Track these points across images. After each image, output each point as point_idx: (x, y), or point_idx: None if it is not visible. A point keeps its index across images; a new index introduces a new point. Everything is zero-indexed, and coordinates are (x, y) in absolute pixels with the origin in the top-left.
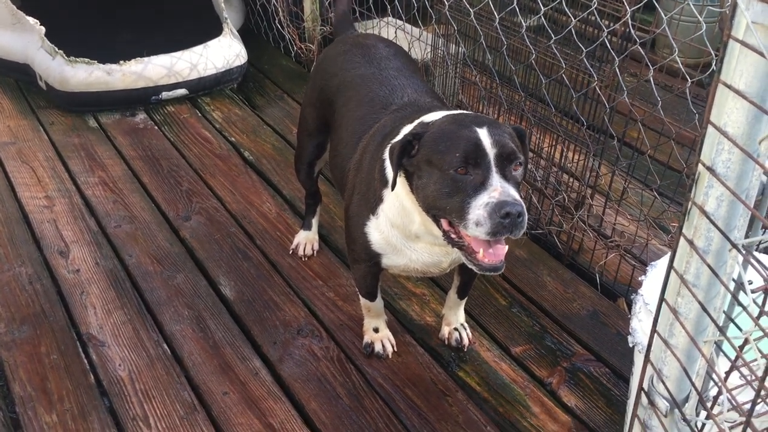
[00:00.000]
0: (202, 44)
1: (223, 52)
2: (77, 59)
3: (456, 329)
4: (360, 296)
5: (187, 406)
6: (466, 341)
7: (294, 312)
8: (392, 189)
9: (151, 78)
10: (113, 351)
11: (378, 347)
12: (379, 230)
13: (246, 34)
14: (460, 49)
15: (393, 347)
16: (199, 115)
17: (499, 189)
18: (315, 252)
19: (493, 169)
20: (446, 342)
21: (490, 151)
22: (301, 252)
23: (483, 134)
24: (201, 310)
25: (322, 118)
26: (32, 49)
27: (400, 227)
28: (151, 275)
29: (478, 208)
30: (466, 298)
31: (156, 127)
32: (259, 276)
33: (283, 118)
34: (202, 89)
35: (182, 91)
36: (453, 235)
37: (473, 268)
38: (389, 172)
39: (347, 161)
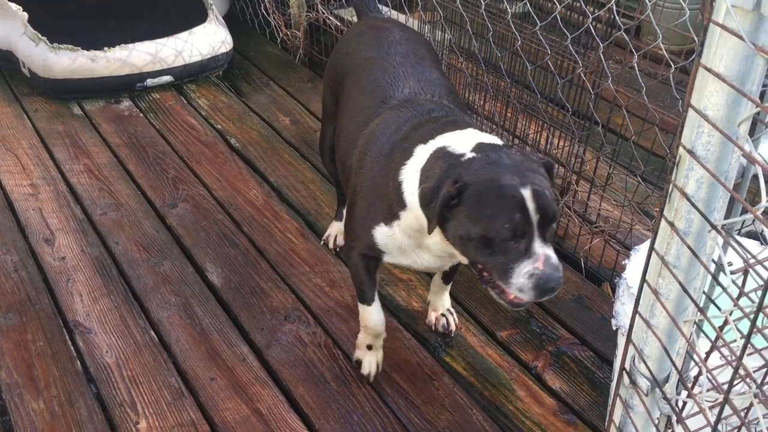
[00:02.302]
0: (187, 31)
1: (208, 39)
2: (61, 46)
3: (443, 315)
4: (359, 305)
5: (175, 392)
6: (453, 326)
7: (281, 298)
8: (429, 233)
9: (135, 65)
10: (100, 338)
11: (365, 369)
12: (389, 236)
13: (231, 21)
14: (446, 35)
15: (378, 367)
16: (185, 102)
17: (542, 258)
18: None
19: (536, 233)
20: (433, 327)
21: (535, 217)
22: (331, 244)
23: (528, 198)
24: (188, 297)
25: (337, 102)
26: (15, 35)
27: (415, 239)
28: (138, 262)
29: (523, 276)
30: (451, 283)
31: (141, 115)
32: (246, 263)
33: (269, 105)
34: (187, 76)
35: (167, 78)
36: (486, 275)
37: (502, 303)
38: (408, 198)
39: (348, 156)
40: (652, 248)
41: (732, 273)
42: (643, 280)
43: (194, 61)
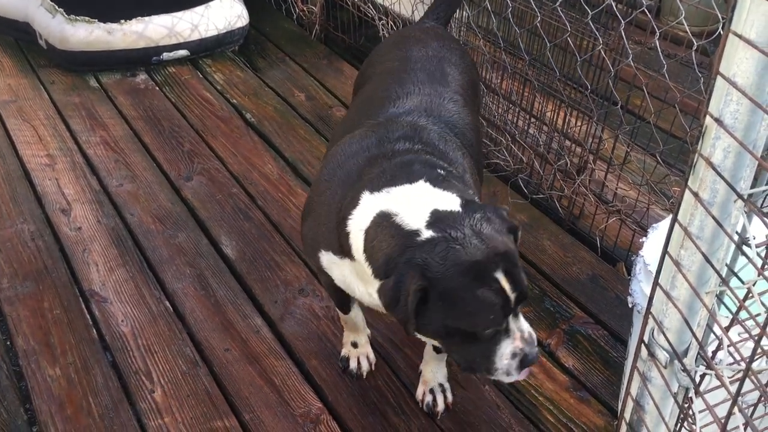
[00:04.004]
0: (203, 4)
1: (224, 13)
2: (77, 18)
3: (432, 390)
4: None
5: (189, 362)
6: (440, 407)
7: (295, 272)
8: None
9: (151, 38)
10: (116, 307)
11: (353, 364)
12: (337, 264)
13: None
14: (464, 12)
15: (371, 365)
16: (201, 76)
17: (518, 335)
18: None
19: (512, 312)
20: (420, 405)
21: (512, 297)
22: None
23: (504, 281)
24: (203, 268)
25: None
26: (32, 7)
27: (365, 281)
28: (153, 234)
29: (507, 358)
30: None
31: (157, 88)
32: (261, 236)
33: (285, 81)
34: (203, 51)
35: (183, 52)
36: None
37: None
38: (357, 254)
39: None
40: (675, 219)
41: (756, 246)
42: (665, 251)
43: (210, 36)
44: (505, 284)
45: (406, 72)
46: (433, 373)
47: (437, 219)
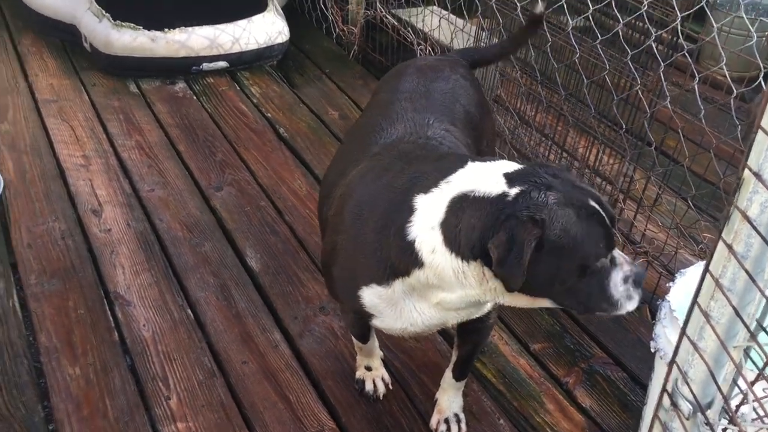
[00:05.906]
0: (246, 18)
1: (266, 28)
2: (123, 23)
3: (446, 420)
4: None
5: (207, 371)
6: None
7: (317, 289)
8: (510, 290)
9: (193, 48)
10: (138, 311)
11: (368, 386)
12: (382, 296)
13: (290, 12)
14: None
15: (387, 385)
16: (238, 88)
17: (622, 260)
18: None
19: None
20: None
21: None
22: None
23: (600, 208)
24: (226, 279)
25: None
26: (80, 10)
27: (421, 293)
28: (180, 241)
29: (620, 285)
30: (465, 381)
31: (194, 97)
32: (286, 251)
33: (320, 98)
34: (242, 63)
35: (223, 64)
36: (581, 306)
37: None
38: (427, 256)
39: (324, 204)
40: (706, 270)
41: None
42: (695, 301)
43: (250, 49)
44: (602, 212)
45: (392, 102)
46: (450, 402)
47: (513, 179)
